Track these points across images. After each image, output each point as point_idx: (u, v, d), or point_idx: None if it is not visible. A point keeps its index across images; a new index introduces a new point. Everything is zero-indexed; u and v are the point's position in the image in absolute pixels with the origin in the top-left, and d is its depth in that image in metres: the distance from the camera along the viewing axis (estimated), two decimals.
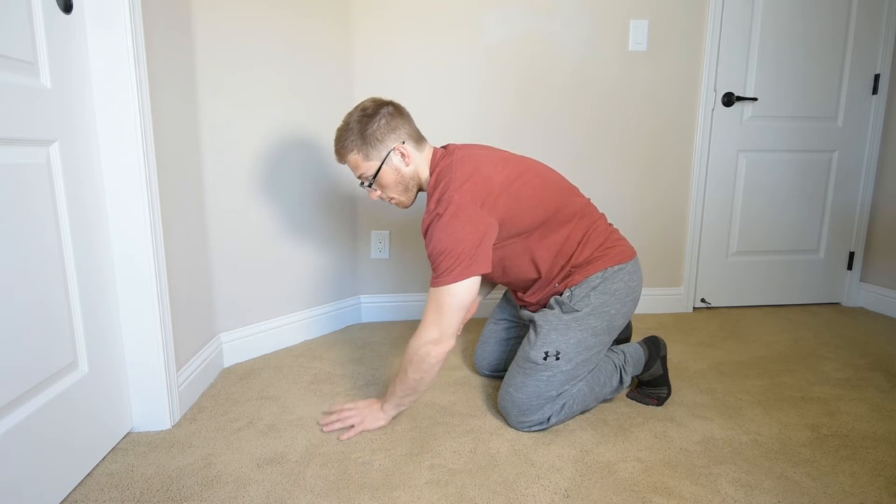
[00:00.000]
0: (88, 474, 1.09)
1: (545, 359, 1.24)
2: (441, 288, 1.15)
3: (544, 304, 1.35)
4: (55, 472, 0.99)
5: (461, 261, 1.13)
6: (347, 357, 1.75)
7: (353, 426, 1.26)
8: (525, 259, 1.29)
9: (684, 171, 2.20)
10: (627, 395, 1.44)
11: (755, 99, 2.15)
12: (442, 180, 1.21)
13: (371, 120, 1.22)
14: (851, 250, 2.36)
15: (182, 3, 1.40)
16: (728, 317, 2.22)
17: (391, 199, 1.32)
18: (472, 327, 2.05)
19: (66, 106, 1.02)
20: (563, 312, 1.26)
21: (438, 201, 1.18)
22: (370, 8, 1.93)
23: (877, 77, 2.22)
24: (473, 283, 1.15)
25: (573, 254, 1.29)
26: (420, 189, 1.33)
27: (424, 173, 1.29)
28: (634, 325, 2.10)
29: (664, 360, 1.42)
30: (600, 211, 1.38)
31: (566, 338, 1.24)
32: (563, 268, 1.29)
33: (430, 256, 1.17)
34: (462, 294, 1.15)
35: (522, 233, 1.24)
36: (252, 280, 1.72)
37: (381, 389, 1.50)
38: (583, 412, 1.34)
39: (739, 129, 2.19)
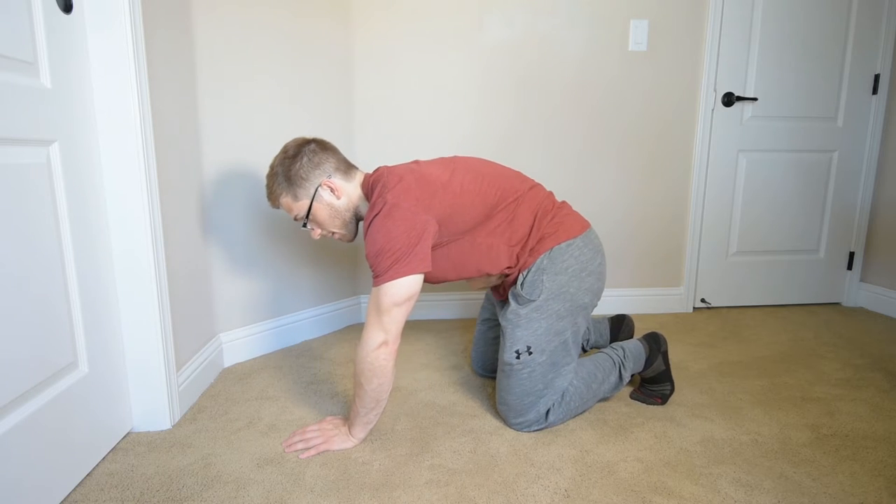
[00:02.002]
0: (88, 474, 1.09)
1: (518, 357, 1.23)
2: (379, 287, 1.11)
3: None
4: (55, 471, 0.99)
5: (398, 258, 1.10)
6: (347, 357, 1.75)
7: (315, 446, 1.19)
8: (476, 255, 1.25)
9: (684, 171, 2.20)
10: (631, 396, 1.44)
11: (755, 99, 2.15)
12: (375, 189, 1.19)
13: (294, 161, 1.22)
14: (851, 250, 2.36)
15: (182, 2, 1.40)
16: (728, 317, 2.22)
17: (333, 234, 1.30)
18: (472, 328, 2.05)
19: (66, 106, 1.02)
20: (520, 305, 1.25)
21: (373, 206, 1.16)
22: (370, 9, 1.93)
23: (877, 77, 2.22)
24: (413, 280, 1.12)
25: (527, 240, 1.26)
26: (359, 218, 1.31)
27: (359, 200, 1.28)
28: (635, 325, 2.10)
29: (665, 355, 1.42)
30: (548, 189, 1.34)
31: (531, 330, 1.23)
32: (519, 256, 1.27)
33: (367, 259, 1.13)
34: (401, 292, 1.11)
35: (466, 230, 1.22)
36: (252, 280, 1.72)
37: None
38: (583, 411, 1.34)
39: (739, 129, 2.19)
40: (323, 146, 1.25)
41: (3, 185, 0.87)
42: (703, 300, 2.31)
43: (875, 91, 2.23)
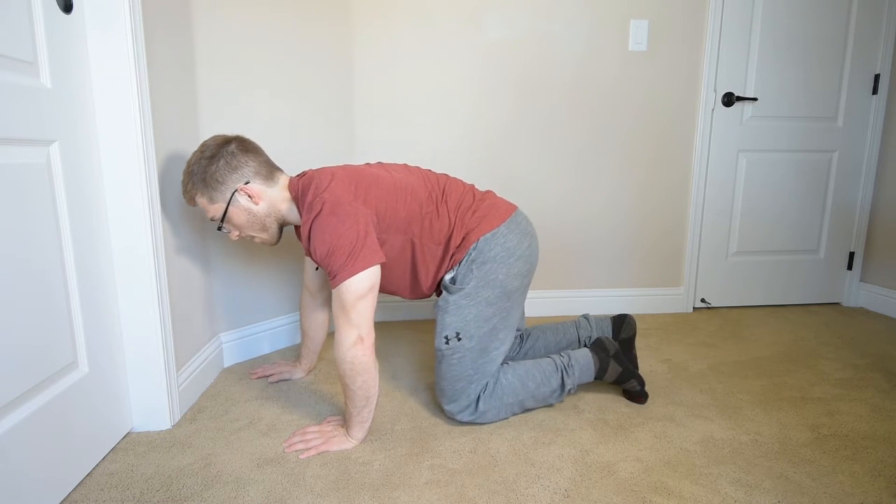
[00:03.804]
0: (88, 474, 1.09)
1: (447, 342, 1.24)
2: (339, 286, 1.10)
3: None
4: (55, 471, 0.99)
5: (350, 253, 1.09)
6: None
7: (315, 446, 1.19)
8: (408, 254, 1.26)
9: (684, 172, 2.20)
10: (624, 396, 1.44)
11: (755, 99, 2.15)
12: (308, 191, 1.17)
13: (211, 162, 1.17)
14: (851, 250, 2.36)
15: (182, 2, 1.40)
16: (728, 317, 2.22)
17: (253, 238, 1.28)
18: None
19: (66, 106, 1.02)
20: (449, 294, 1.25)
21: (310, 207, 1.14)
22: (370, 11, 1.93)
23: (877, 77, 2.22)
24: (370, 272, 1.11)
25: (450, 238, 1.26)
26: (284, 223, 1.28)
27: (283, 205, 1.24)
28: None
29: (617, 356, 1.40)
30: (469, 183, 1.36)
31: (461, 316, 1.24)
32: (444, 255, 1.28)
33: (320, 262, 1.12)
34: (361, 286, 1.10)
35: (400, 227, 1.21)
36: (252, 280, 1.72)
37: (380, 389, 1.50)
38: (522, 411, 1.33)
39: (739, 129, 2.19)
40: (244, 147, 1.21)
41: (3, 185, 0.87)
42: (703, 300, 2.31)
43: (875, 91, 2.23)
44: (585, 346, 1.62)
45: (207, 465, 1.13)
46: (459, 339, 1.24)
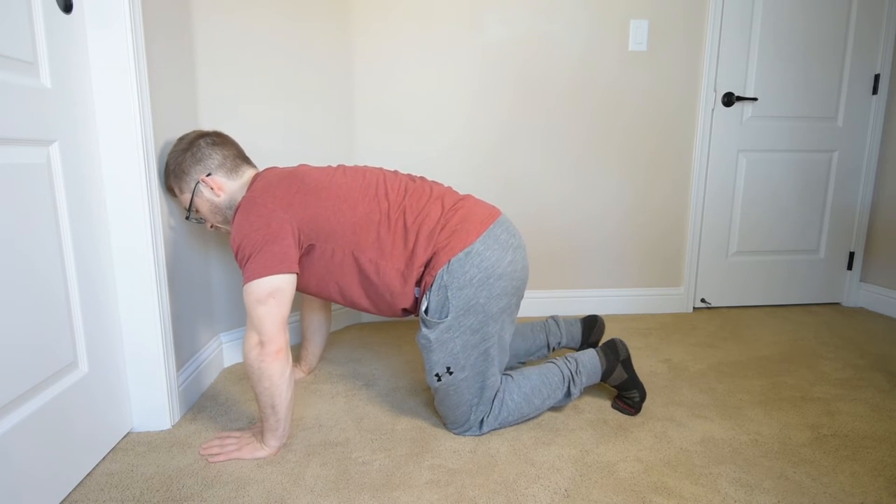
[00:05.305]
0: (88, 474, 1.09)
1: (439, 380, 1.20)
2: (244, 288, 1.10)
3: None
4: (55, 471, 0.99)
5: (253, 256, 1.08)
6: (347, 357, 1.75)
7: (227, 452, 1.16)
8: (353, 269, 1.19)
9: (684, 171, 2.20)
10: (612, 406, 1.40)
11: (755, 99, 2.15)
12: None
13: (181, 154, 1.23)
14: (851, 250, 2.36)
15: (182, 3, 1.40)
16: (728, 317, 2.22)
17: (219, 229, 1.32)
18: None
19: (66, 106, 1.02)
20: (429, 329, 1.17)
21: (238, 204, 1.17)
22: (371, 13, 1.93)
23: (877, 77, 2.22)
24: (272, 281, 1.07)
25: (412, 257, 1.17)
26: None
27: (240, 198, 1.25)
28: (633, 325, 2.10)
29: (626, 363, 1.36)
30: (445, 187, 1.28)
31: (446, 352, 1.18)
32: (406, 276, 1.19)
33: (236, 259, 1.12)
34: (259, 292, 1.07)
35: (336, 237, 1.16)
36: None
37: (380, 389, 1.50)
38: (524, 421, 1.32)
39: (739, 129, 2.19)
40: (214, 141, 1.25)
41: (4, 185, 0.87)
42: (703, 300, 2.31)
43: (875, 91, 2.23)
44: (554, 349, 1.59)
45: (207, 465, 1.13)
46: (451, 373, 1.19)
